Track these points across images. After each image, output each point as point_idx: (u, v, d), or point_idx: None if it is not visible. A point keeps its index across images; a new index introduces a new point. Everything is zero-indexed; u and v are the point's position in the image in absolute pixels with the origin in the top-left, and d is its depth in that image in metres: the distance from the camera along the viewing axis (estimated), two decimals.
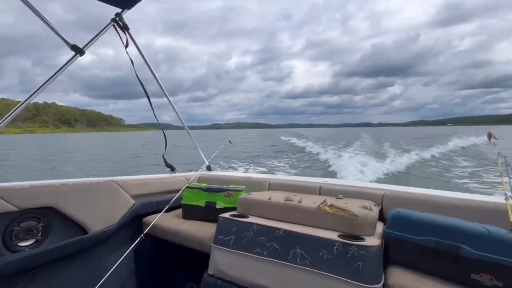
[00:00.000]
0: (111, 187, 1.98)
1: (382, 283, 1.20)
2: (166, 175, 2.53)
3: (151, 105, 2.38)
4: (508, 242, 1.10)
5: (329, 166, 11.90)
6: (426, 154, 14.63)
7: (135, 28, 2.08)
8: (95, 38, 1.88)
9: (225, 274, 1.49)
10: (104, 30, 1.93)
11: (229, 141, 3.50)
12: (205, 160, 3.03)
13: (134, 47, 2.14)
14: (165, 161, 2.66)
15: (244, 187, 2.15)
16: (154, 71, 2.39)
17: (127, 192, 2.09)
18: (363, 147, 20.31)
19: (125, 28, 2.02)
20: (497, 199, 1.62)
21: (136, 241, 1.76)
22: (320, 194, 2.12)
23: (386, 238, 1.38)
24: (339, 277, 1.21)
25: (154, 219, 2.00)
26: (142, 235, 1.82)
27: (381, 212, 1.79)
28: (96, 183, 1.88)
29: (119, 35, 2.02)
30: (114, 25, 1.97)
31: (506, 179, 1.73)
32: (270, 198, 1.70)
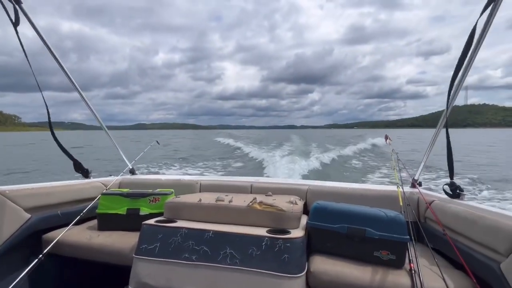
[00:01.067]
0: None
1: (305, 271, 1.30)
2: (77, 182, 2.15)
3: (44, 99, 2.03)
4: (398, 222, 1.34)
5: (262, 165, 12.43)
6: (343, 152, 17.02)
7: (31, 5, 1.71)
8: None
9: (149, 287, 1.35)
10: None
11: (157, 141, 3.24)
12: (128, 163, 2.71)
13: (29, 27, 1.75)
14: (75, 164, 2.27)
15: (172, 190, 2.01)
16: (59, 59, 2.01)
17: (19, 205, 1.69)
18: (292, 147, 21.91)
19: (15, 0, 1.63)
20: (392, 187, 1.99)
21: (32, 264, 1.42)
22: (251, 192, 2.17)
23: (309, 229, 1.51)
24: (267, 272, 1.24)
25: (59, 235, 1.68)
26: (40, 256, 1.49)
27: (305, 206, 1.95)
28: None
29: (4, 7, 1.60)
30: None
31: (397, 171, 2.13)
32: (200, 200, 1.63)
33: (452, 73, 1.51)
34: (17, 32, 1.69)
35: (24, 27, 1.70)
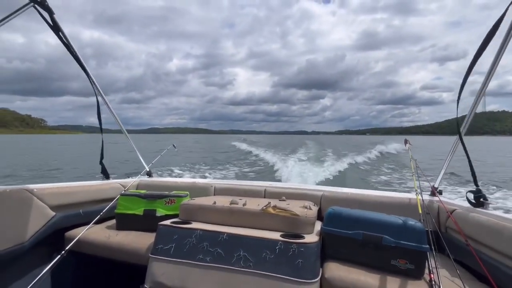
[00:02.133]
0: (21, 197, 1.63)
1: (319, 277, 1.26)
2: (97, 182, 2.22)
3: (98, 103, 2.15)
4: (417, 230, 1.28)
5: (276, 170, 12.29)
6: (358, 159, 16.52)
7: (58, 14, 1.81)
8: (8, 19, 1.54)
9: (165, 286, 1.36)
10: (21, 10, 1.58)
11: (173, 145, 3.30)
12: (145, 166, 2.77)
13: (52, 35, 1.86)
14: (102, 167, 2.36)
15: (187, 192, 2.03)
16: (85, 65, 2.10)
17: (45, 203, 1.76)
18: (307, 152, 21.53)
19: (48, 10, 1.73)
20: (410, 195, 1.91)
21: (54, 260, 1.46)
22: (265, 197, 2.15)
23: (323, 234, 1.47)
24: (281, 276, 1.22)
25: (81, 233, 1.74)
26: (63, 252, 1.54)
27: (319, 212, 1.91)
28: (1, 192, 1.54)
29: (42, 16, 1.71)
30: (34, 6, 1.67)
31: (416, 177, 2.04)
32: (214, 203, 1.63)
33: (468, 78, 1.46)
34: (59, 37, 1.81)
35: (47, 35, 1.80)
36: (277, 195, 2.02)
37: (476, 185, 1.60)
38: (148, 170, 2.77)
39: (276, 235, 1.37)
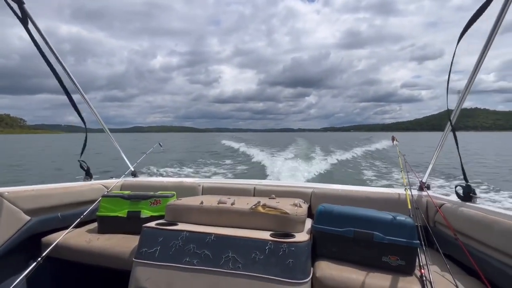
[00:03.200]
0: None
1: (310, 276, 1.22)
2: (77, 184, 2.08)
3: (73, 102, 1.96)
4: (408, 226, 1.26)
5: (265, 168, 12.17)
6: (347, 156, 16.67)
7: (31, 8, 1.64)
8: None
9: None
10: None
11: (159, 143, 3.17)
12: (130, 166, 2.63)
13: (29, 30, 1.68)
14: (81, 166, 2.19)
15: (174, 193, 1.94)
16: (62, 61, 1.94)
17: (19, 207, 1.62)
18: (296, 150, 21.51)
19: (17, 1, 1.57)
20: (399, 190, 1.91)
21: (30, 268, 1.35)
22: (254, 195, 2.09)
23: (314, 232, 1.43)
24: (271, 277, 1.17)
25: (59, 238, 1.61)
26: (39, 259, 1.42)
27: (310, 209, 1.87)
28: None
29: (10, 6, 1.55)
30: None
31: (405, 173, 2.05)
32: (202, 203, 1.56)
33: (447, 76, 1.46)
34: (27, 30, 1.63)
35: (22, 30, 1.64)
36: (267, 193, 1.96)
37: (466, 180, 1.59)
38: (132, 170, 2.63)
39: (265, 235, 1.32)
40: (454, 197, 1.66)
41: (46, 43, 1.81)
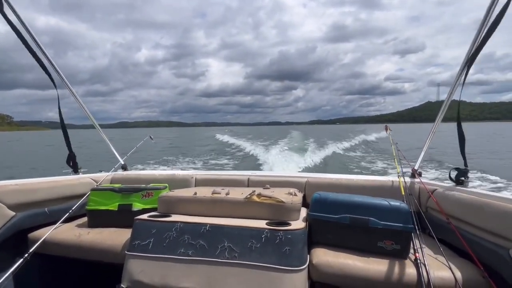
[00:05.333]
0: None
1: (307, 264, 1.18)
2: (65, 178, 1.95)
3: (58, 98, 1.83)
4: (402, 211, 1.24)
5: (259, 161, 12.06)
6: (340, 146, 16.69)
7: None
8: None
9: (143, 285, 1.20)
10: None
11: (150, 136, 3.05)
12: (120, 159, 2.51)
13: (3, 22, 1.52)
14: (68, 159, 2.06)
15: (166, 185, 1.85)
16: (46, 52, 1.78)
17: (3, 202, 1.51)
18: (291, 142, 21.39)
19: None
20: (393, 177, 1.89)
21: (16, 265, 1.27)
22: (248, 186, 2.04)
23: (310, 220, 1.39)
24: (268, 265, 1.13)
25: (46, 233, 1.51)
26: (26, 255, 1.33)
27: (304, 198, 1.83)
28: None
29: None
30: None
31: (398, 161, 2.03)
32: (195, 193, 1.49)
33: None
34: (3, 15, 1.47)
35: None
36: (261, 184, 1.91)
37: (466, 165, 1.57)
38: (123, 163, 2.51)
39: (261, 224, 1.27)
40: (446, 183, 1.65)
41: (27, 30, 1.66)
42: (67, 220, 1.66)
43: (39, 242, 1.45)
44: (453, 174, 1.58)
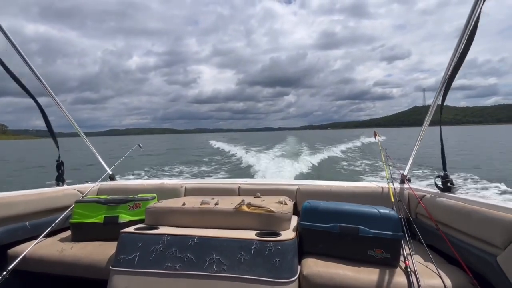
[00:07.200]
0: None
1: (297, 275, 1.15)
2: (48, 190, 1.86)
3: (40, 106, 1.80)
4: (392, 219, 1.22)
5: (251, 168, 11.84)
6: (330, 153, 16.62)
7: None
8: None
9: None
10: None
11: (139, 145, 2.96)
12: (107, 169, 2.42)
13: None
14: (58, 169, 2.02)
15: (155, 195, 1.79)
16: (28, 61, 1.72)
17: None
18: (284, 148, 21.21)
19: None
20: (382, 184, 1.88)
21: None
22: (239, 194, 1.99)
23: (300, 230, 1.36)
24: (257, 277, 1.08)
25: (27, 249, 1.42)
26: (4, 272, 1.24)
27: (295, 206, 1.80)
28: None
29: None
30: None
31: (387, 167, 2.02)
32: (184, 204, 1.44)
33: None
34: None
35: None
36: (252, 192, 1.87)
37: (445, 170, 1.58)
38: (110, 173, 2.41)
39: (251, 234, 1.23)
40: (434, 189, 1.65)
41: (9, 40, 1.60)
42: (50, 235, 1.58)
43: (19, 259, 1.36)
44: (438, 181, 1.58)
